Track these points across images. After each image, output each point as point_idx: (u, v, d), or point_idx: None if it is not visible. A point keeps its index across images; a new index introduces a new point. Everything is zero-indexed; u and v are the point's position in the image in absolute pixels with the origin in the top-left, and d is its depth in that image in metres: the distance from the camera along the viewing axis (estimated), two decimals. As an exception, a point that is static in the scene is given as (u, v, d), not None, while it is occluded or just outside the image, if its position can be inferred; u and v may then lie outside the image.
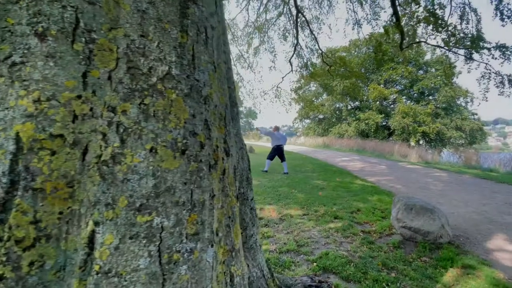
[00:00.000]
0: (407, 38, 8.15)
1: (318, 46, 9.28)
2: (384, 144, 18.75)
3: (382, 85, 32.30)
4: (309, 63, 9.98)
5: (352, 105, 36.09)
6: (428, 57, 32.78)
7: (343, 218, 4.02)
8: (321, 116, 36.81)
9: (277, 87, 11.33)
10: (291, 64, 10.19)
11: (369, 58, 29.70)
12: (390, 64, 31.90)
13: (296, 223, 3.77)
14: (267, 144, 26.47)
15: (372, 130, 30.39)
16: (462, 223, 4.06)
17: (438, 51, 35.09)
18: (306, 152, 17.48)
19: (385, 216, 4.19)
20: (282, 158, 8.28)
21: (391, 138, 29.88)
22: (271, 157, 8.33)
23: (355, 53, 34.17)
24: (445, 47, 7.96)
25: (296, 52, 9.52)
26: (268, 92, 11.86)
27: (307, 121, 38.87)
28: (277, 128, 8.39)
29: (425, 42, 8.19)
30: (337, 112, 35.50)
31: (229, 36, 11.37)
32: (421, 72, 32.31)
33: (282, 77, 10.99)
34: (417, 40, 8.38)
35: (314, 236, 3.32)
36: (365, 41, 11.92)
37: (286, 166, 8.25)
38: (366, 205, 4.77)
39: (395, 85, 33.36)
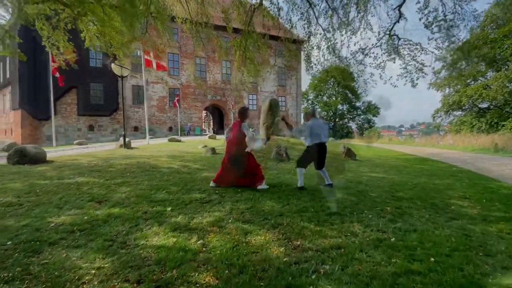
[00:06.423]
0: None
1: None
2: None
3: None
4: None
5: (549, 83, 22.42)
6: None
7: None
8: (484, 105, 24.82)
9: (390, 33, 6.00)
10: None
11: None
12: None
13: None
14: (379, 145, 19.69)
15: None
16: None
17: None
18: (458, 160, 10.48)
19: None
20: (321, 164, 4.51)
21: None
22: (304, 163, 4.49)
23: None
24: None
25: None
26: (372, 48, 6.66)
27: (458, 113, 27.49)
28: (312, 114, 4.58)
29: None
30: (516, 96, 22.94)
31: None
32: None
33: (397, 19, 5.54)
34: None
35: None
36: None
37: (327, 174, 4.57)
38: None
39: None
